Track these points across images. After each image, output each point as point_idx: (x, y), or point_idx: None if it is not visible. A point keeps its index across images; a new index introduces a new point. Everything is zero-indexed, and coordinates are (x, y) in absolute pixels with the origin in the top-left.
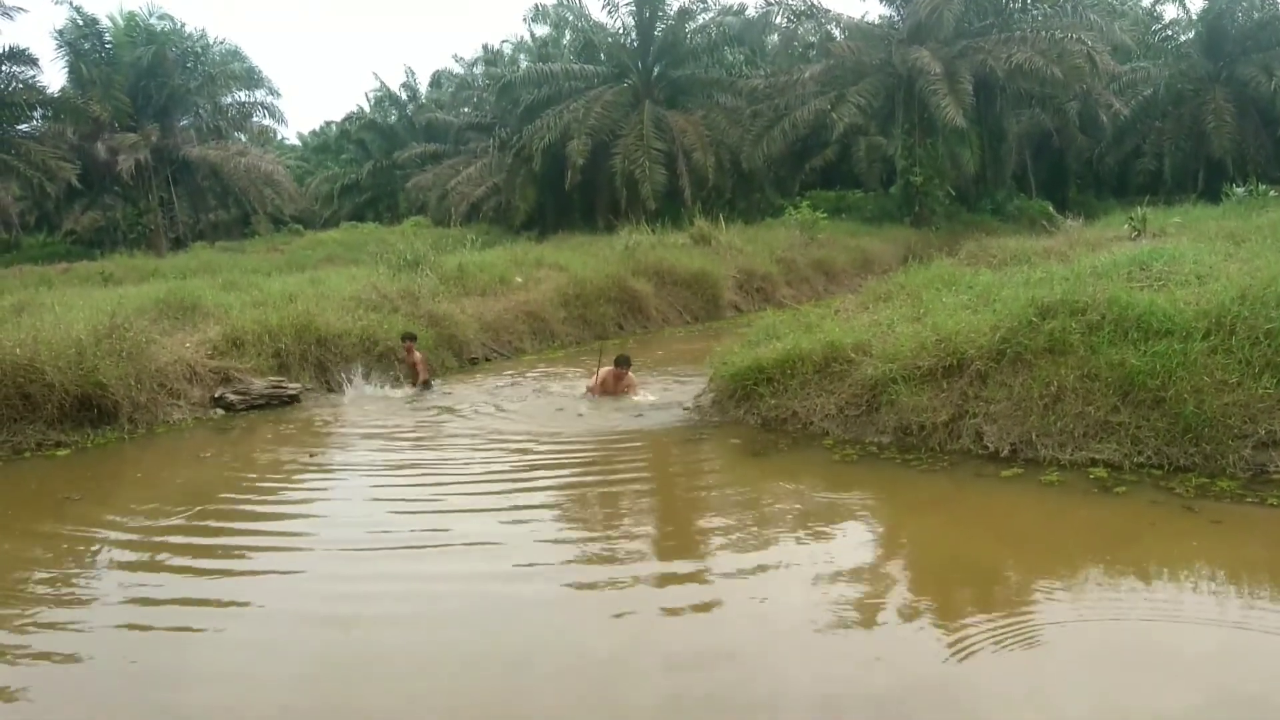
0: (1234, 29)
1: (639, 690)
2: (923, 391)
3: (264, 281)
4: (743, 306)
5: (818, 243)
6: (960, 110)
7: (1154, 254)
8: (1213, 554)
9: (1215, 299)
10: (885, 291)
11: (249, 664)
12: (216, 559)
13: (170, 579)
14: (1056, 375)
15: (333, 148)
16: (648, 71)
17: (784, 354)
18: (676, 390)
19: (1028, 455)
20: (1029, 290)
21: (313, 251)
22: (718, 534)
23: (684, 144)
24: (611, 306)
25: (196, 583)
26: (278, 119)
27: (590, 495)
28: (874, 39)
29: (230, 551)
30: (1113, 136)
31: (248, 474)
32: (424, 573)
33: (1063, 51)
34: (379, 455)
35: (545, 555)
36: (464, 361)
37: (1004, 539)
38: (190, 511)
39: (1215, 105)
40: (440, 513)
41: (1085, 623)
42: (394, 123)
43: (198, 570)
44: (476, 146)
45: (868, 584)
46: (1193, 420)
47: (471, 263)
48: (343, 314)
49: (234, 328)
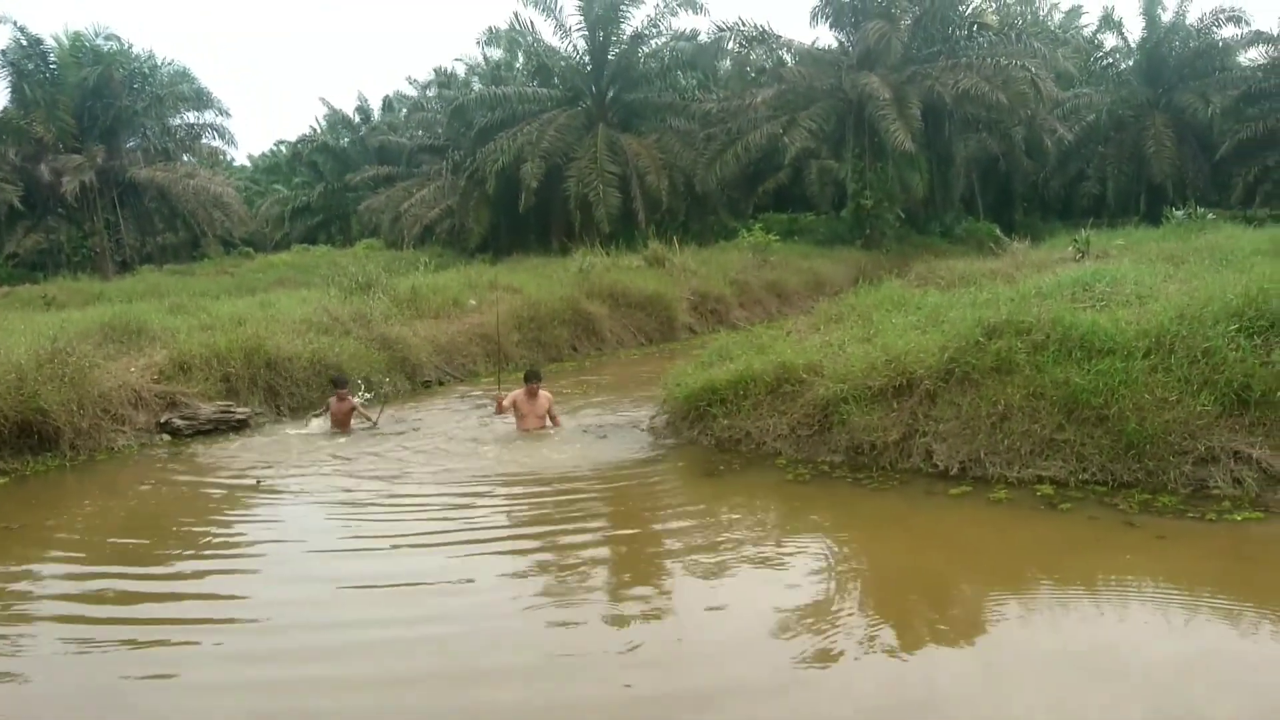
0: (1172, 57)
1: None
2: (873, 411)
3: (213, 304)
4: (697, 328)
5: (770, 265)
6: (909, 135)
7: (1097, 275)
8: (1157, 568)
9: (1155, 319)
10: (837, 313)
11: (199, 709)
12: (154, 599)
13: (110, 613)
14: (1003, 394)
15: (284, 170)
16: (601, 95)
17: (737, 375)
18: (630, 412)
19: (976, 473)
20: (976, 311)
21: (263, 274)
22: (671, 556)
23: (638, 167)
24: (566, 329)
25: (135, 625)
26: (227, 140)
27: (543, 520)
28: (824, 65)
29: (171, 586)
30: (1057, 161)
31: (192, 503)
32: (377, 611)
33: (1008, 78)
34: (329, 484)
35: (495, 582)
36: (417, 385)
37: (955, 556)
38: (133, 542)
39: (1155, 131)
40: (393, 547)
41: (1036, 638)
42: (346, 145)
43: (138, 607)
44: (430, 169)
45: (821, 605)
46: (1135, 437)
47: (425, 285)
48: (293, 337)
49: (181, 351)
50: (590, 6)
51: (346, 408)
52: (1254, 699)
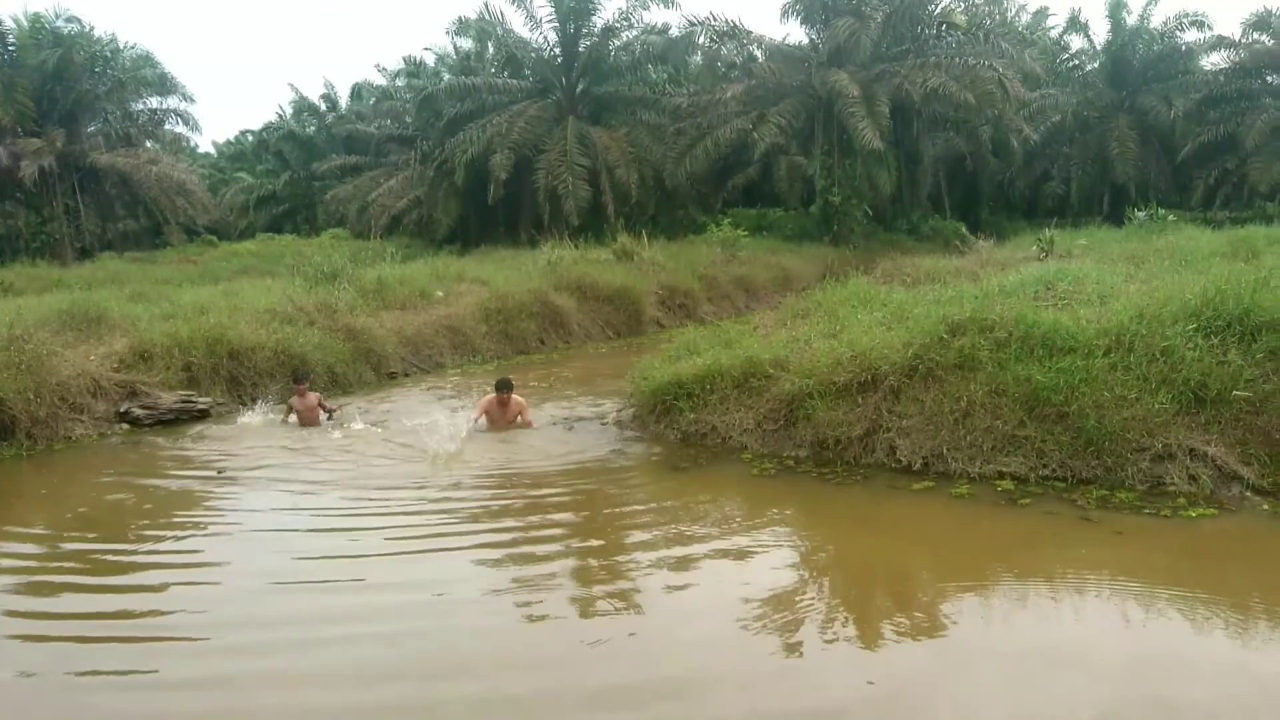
0: (1136, 60)
1: (570, 701)
2: (838, 406)
3: (175, 293)
4: (665, 322)
5: (739, 260)
6: (878, 132)
7: (1059, 274)
8: (1113, 563)
9: (1116, 318)
10: (803, 308)
11: (157, 703)
12: (113, 591)
13: (64, 605)
14: (966, 391)
15: (249, 157)
16: (572, 87)
17: (704, 369)
18: (597, 405)
19: (939, 469)
20: (940, 308)
21: (227, 263)
22: (637, 550)
23: (607, 160)
24: (533, 321)
25: (92, 617)
26: (191, 127)
27: (509, 517)
28: (794, 61)
29: (129, 577)
30: (1023, 161)
31: (152, 492)
32: (338, 601)
33: (975, 78)
34: (290, 479)
35: (463, 575)
36: (382, 376)
37: (917, 550)
38: (90, 535)
39: (1119, 132)
40: (352, 535)
41: (996, 630)
42: (313, 133)
43: (93, 599)
44: (398, 159)
45: (785, 598)
46: (1094, 434)
47: (391, 276)
48: (257, 327)
49: (142, 340)
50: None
51: (309, 402)
52: (1207, 690)
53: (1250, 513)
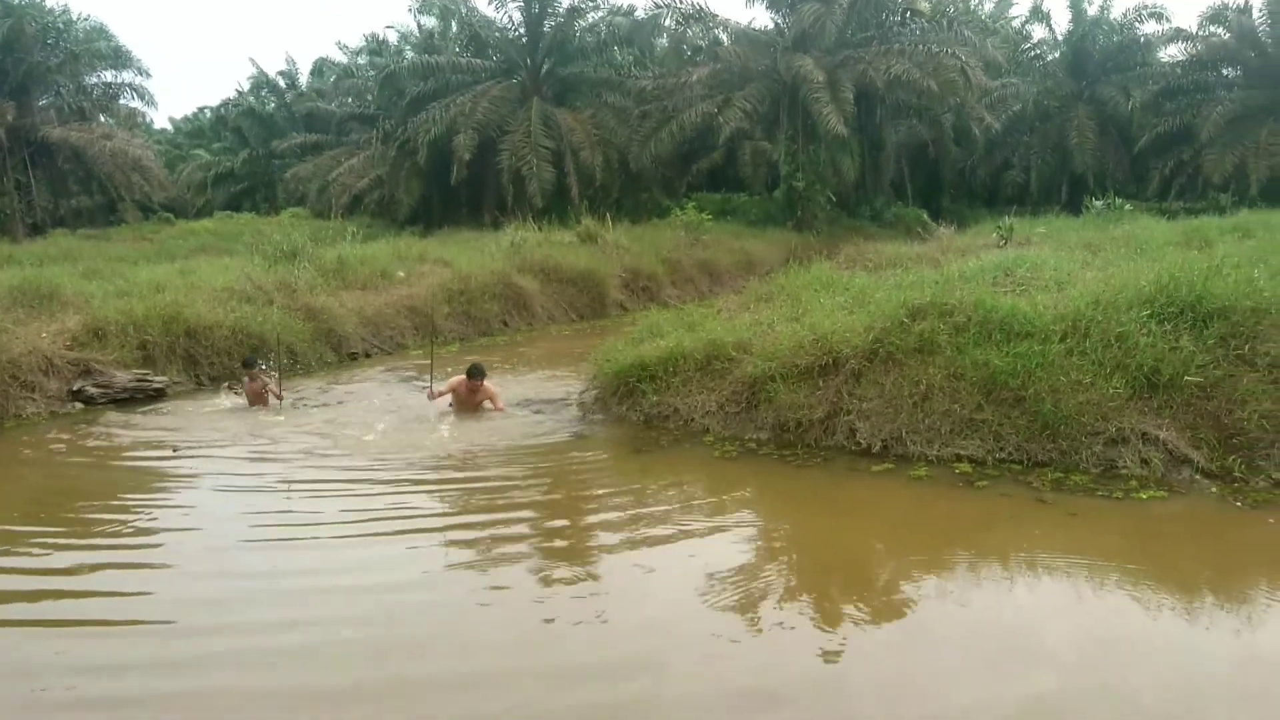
0: (1096, 51)
1: (529, 684)
2: (800, 389)
3: (130, 270)
4: (628, 305)
5: (703, 244)
6: (842, 118)
7: (1018, 261)
8: (1068, 543)
9: (1072, 304)
10: (766, 292)
11: (105, 688)
12: (60, 573)
13: (8, 589)
14: (925, 374)
15: (207, 134)
16: (536, 68)
17: (667, 352)
18: (560, 387)
19: (898, 451)
20: (901, 293)
21: (184, 241)
22: (599, 531)
23: (572, 142)
24: (496, 303)
25: (40, 598)
26: (147, 101)
27: (472, 498)
28: (760, 45)
29: (77, 557)
30: (984, 149)
31: (104, 471)
32: (295, 584)
33: (939, 65)
34: (242, 464)
35: (428, 562)
36: (343, 356)
37: (876, 532)
38: (37, 515)
39: (1078, 122)
40: (310, 516)
41: (952, 611)
42: (273, 111)
43: (41, 579)
44: (359, 138)
45: (746, 578)
46: (1050, 418)
47: (352, 255)
48: (215, 305)
49: (96, 318)
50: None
51: (257, 387)
52: (1157, 669)
53: (1199, 495)
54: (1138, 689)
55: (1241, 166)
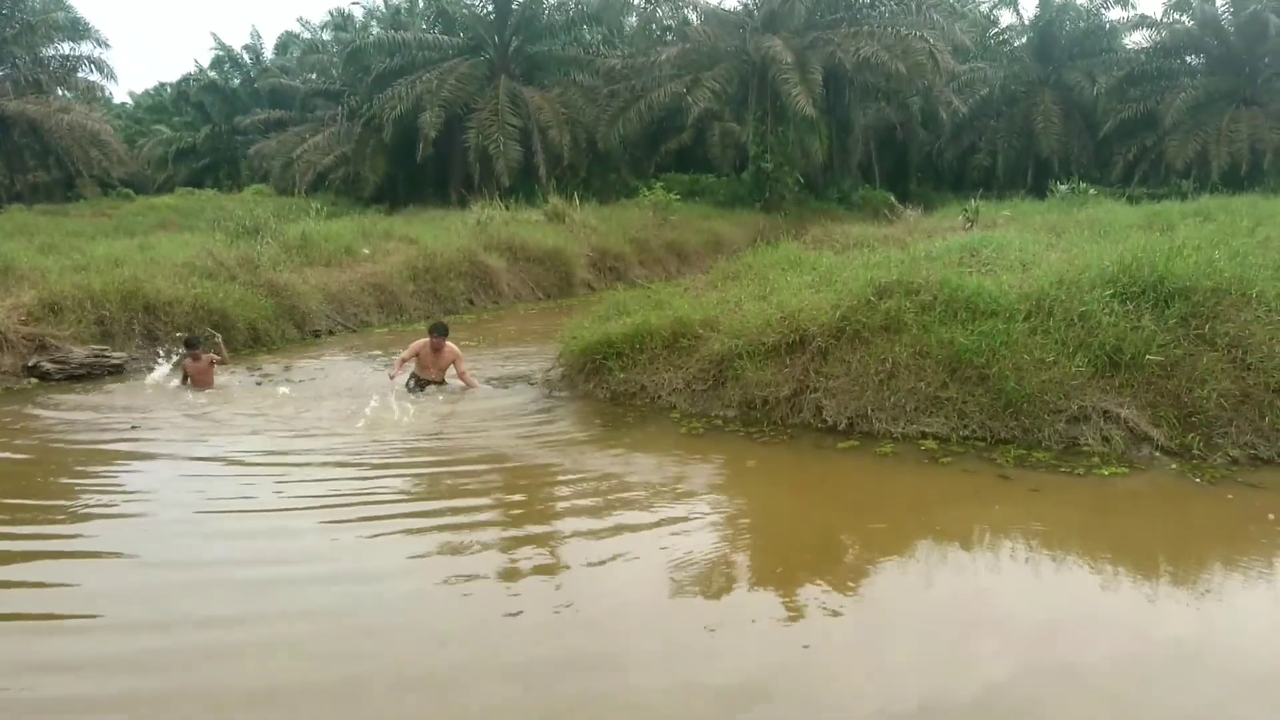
0: (1062, 36)
1: (489, 679)
2: (767, 367)
3: (88, 245)
4: (595, 285)
5: (671, 224)
6: (810, 100)
7: (983, 242)
8: (1029, 519)
9: (1036, 284)
10: (734, 271)
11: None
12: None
13: None
14: (891, 352)
15: (168, 109)
16: (504, 45)
17: (633, 329)
18: (525, 365)
19: (864, 429)
20: (868, 272)
21: (144, 217)
22: (564, 513)
23: (540, 121)
24: (462, 281)
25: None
26: (106, 74)
27: (437, 477)
28: (729, 26)
29: (26, 543)
30: (951, 133)
31: (58, 447)
32: (253, 575)
33: (907, 48)
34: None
35: (382, 544)
36: (306, 334)
37: (841, 509)
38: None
39: (1044, 107)
40: (266, 500)
41: (916, 589)
42: (236, 86)
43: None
44: (324, 114)
45: (711, 557)
46: (1013, 396)
47: (316, 232)
48: (175, 281)
49: (52, 292)
50: None
51: (203, 366)
52: (1114, 644)
53: (1159, 471)
54: (1095, 664)
55: (1203, 153)
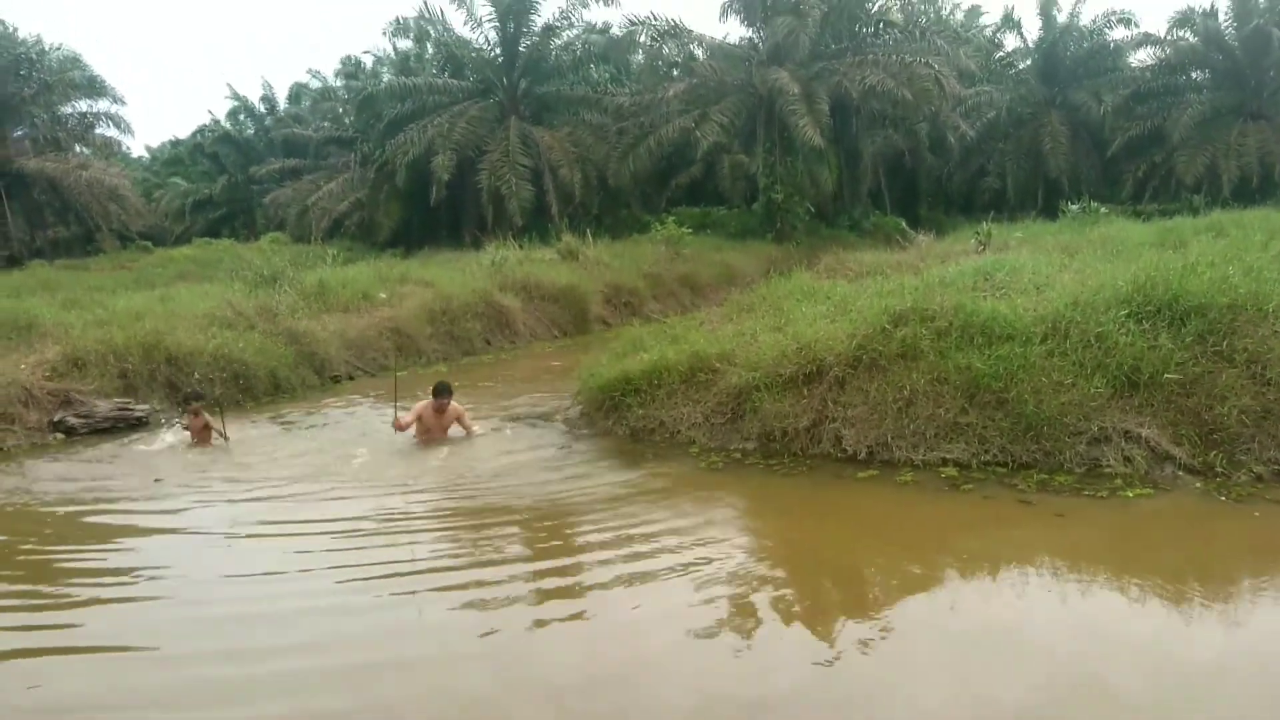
0: (1067, 57)
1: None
2: (784, 398)
3: (109, 299)
4: (610, 320)
5: (683, 258)
6: (818, 130)
7: (996, 265)
8: (1056, 544)
9: (1051, 306)
10: (748, 303)
11: None
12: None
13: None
14: (909, 380)
15: (185, 162)
16: (513, 87)
17: (651, 365)
18: (544, 403)
19: (884, 457)
20: (882, 300)
21: (163, 269)
22: (589, 543)
23: (550, 160)
24: (479, 322)
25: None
26: (123, 130)
27: (460, 515)
28: (735, 60)
29: (63, 592)
30: (960, 157)
31: (83, 504)
32: (278, 607)
33: (913, 75)
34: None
35: (416, 580)
36: (326, 380)
37: (863, 538)
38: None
39: (1051, 128)
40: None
41: (941, 616)
42: (250, 136)
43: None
44: (338, 161)
45: (736, 588)
46: (1033, 419)
47: (333, 278)
48: (195, 332)
49: (75, 347)
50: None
51: (201, 423)
52: (1146, 668)
53: (1183, 491)
54: (1126, 688)
55: (1213, 167)
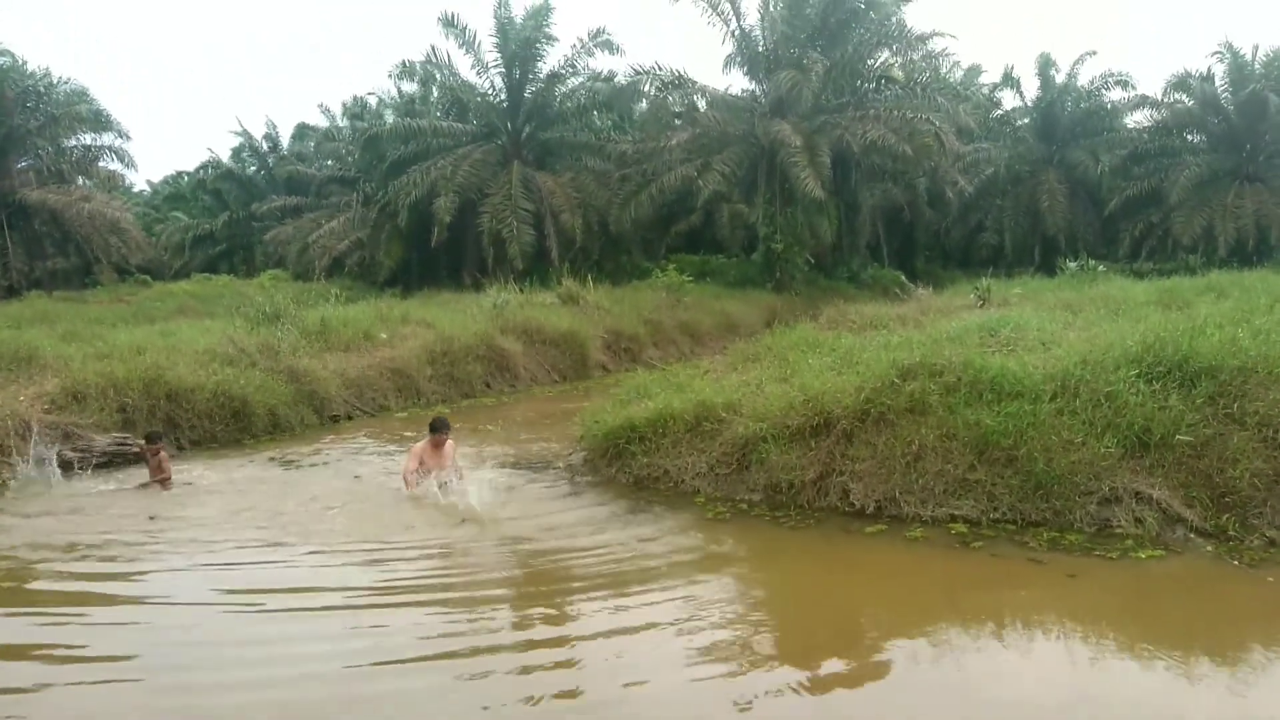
0: (1065, 117)
1: None
2: (791, 450)
3: (109, 333)
4: (610, 366)
5: (684, 305)
6: (819, 182)
7: (1001, 321)
8: (1068, 606)
9: (1060, 364)
10: (753, 353)
11: None
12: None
13: None
14: (917, 434)
15: (187, 197)
16: (517, 132)
17: (656, 413)
18: (546, 448)
19: (892, 512)
20: (890, 353)
21: (162, 303)
22: (589, 591)
23: (552, 205)
24: (479, 364)
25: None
26: (126, 164)
27: (448, 556)
28: (738, 111)
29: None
30: (958, 212)
31: (77, 540)
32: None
33: (913, 130)
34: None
35: (410, 631)
36: (325, 419)
37: (870, 594)
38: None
39: (1049, 186)
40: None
41: (944, 675)
42: (253, 173)
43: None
44: (339, 200)
45: (736, 643)
46: (1043, 477)
47: (334, 317)
48: (196, 368)
49: (75, 380)
50: (506, 43)
51: (158, 463)
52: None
53: (1195, 554)
54: None
55: (1209, 228)
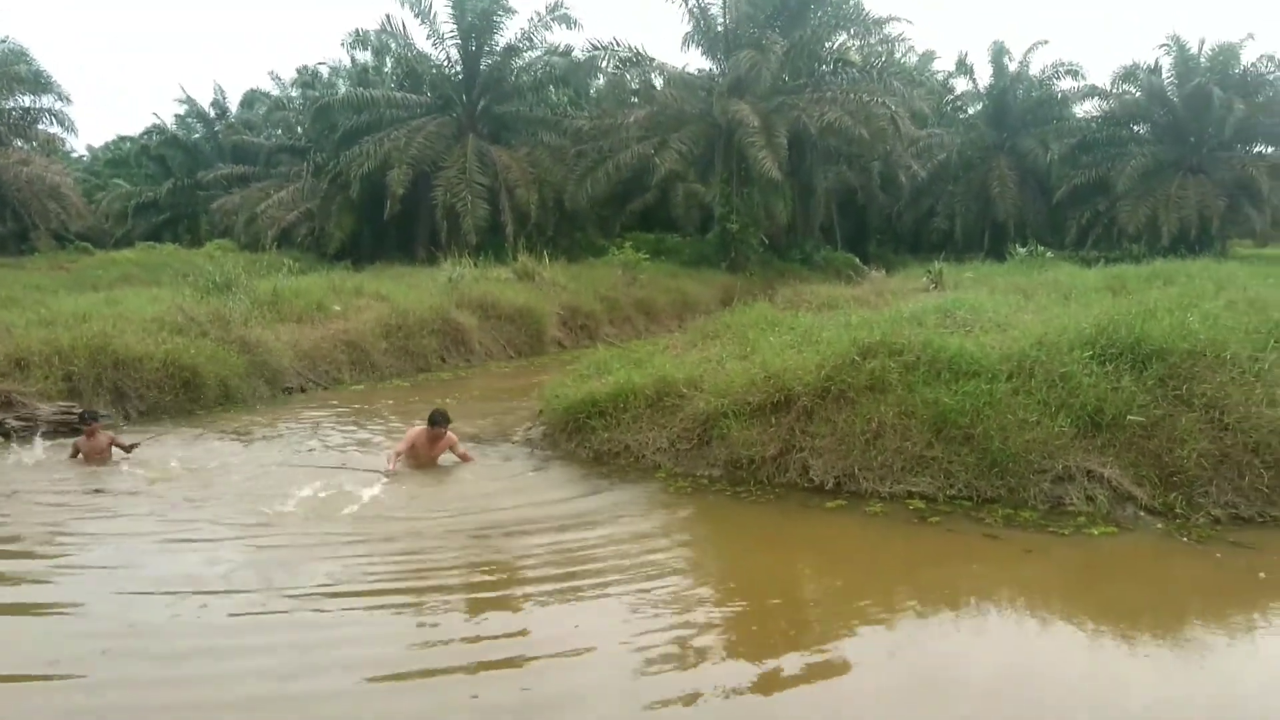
0: (1016, 104)
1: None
2: (752, 426)
3: (51, 299)
4: (566, 343)
5: (640, 283)
6: (776, 163)
7: (956, 303)
8: (1020, 581)
9: (1017, 345)
10: (712, 330)
11: None
12: None
13: None
14: (877, 412)
15: (129, 163)
16: (472, 105)
17: (617, 388)
18: (503, 422)
19: (851, 488)
20: (850, 332)
21: (105, 271)
22: (544, 567)
23: (507, 180)
24: (434, 338)
25: None
26: (67, 127)
27: (402, 537)
28: (695, 90)
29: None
30: (910, 196)
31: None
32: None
33: (869, 114)
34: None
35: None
36: (278, 391)
37: (828, 569)
38: None
39: (1000, 172)
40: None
41: (897, 650)
42: (199, 140)
43: None
44: (289, 170)
45: (693, 616)
46: (999, 455)
47: (287, 288)
48: (145, 336)
49: (17, 347)
50: (463, 13)
51: (98, 444)
52: (1106, 707)
53: (1146, 531)
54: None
55: (1154, 218)
